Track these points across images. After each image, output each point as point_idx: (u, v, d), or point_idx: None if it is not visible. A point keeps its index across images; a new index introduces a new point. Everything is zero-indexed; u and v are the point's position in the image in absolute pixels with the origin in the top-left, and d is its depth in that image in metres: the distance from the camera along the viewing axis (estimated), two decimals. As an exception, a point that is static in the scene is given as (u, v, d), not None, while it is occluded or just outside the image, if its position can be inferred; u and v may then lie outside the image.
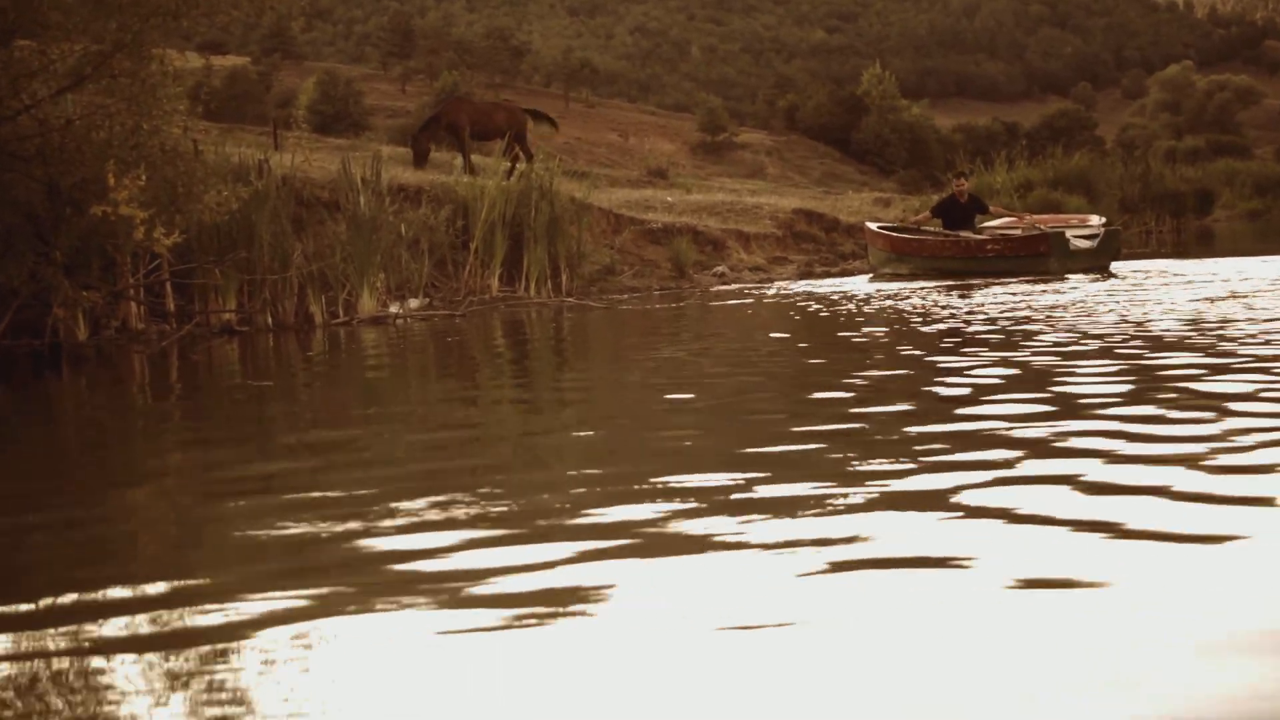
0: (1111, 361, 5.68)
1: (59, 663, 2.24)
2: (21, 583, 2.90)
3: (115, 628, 2.42)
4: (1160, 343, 6.40)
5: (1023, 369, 5.53)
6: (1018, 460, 3.54)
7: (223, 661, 2.18)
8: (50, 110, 9.11)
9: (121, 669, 2.17)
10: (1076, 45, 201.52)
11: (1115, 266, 15.52)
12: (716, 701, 1.90)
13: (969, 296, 11.46)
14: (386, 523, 3.18)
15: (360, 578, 2.70)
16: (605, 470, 3.74)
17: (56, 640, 2.37)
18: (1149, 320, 7.79)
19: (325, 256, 11.72)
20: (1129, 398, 4.55)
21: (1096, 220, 16.87)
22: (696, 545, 2.78)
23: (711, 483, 3.46)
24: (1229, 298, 9.30)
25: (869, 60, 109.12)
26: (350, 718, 1.91)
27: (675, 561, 2.67)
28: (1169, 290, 10.68)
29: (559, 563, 2.69)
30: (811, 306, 11.20)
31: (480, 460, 4.25)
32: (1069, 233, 15.68)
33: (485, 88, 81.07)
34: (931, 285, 13.71)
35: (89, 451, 5.15)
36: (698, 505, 3.17)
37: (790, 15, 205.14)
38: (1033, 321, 8.09)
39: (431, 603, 2.46)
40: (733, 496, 3.27)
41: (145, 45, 8.87)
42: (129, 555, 3.23)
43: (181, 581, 2.78)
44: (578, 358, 8.27)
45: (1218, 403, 4.33)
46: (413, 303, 12.55)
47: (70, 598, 2.69)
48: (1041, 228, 16.35)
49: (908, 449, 3.80)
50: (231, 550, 3.12)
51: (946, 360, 6.07)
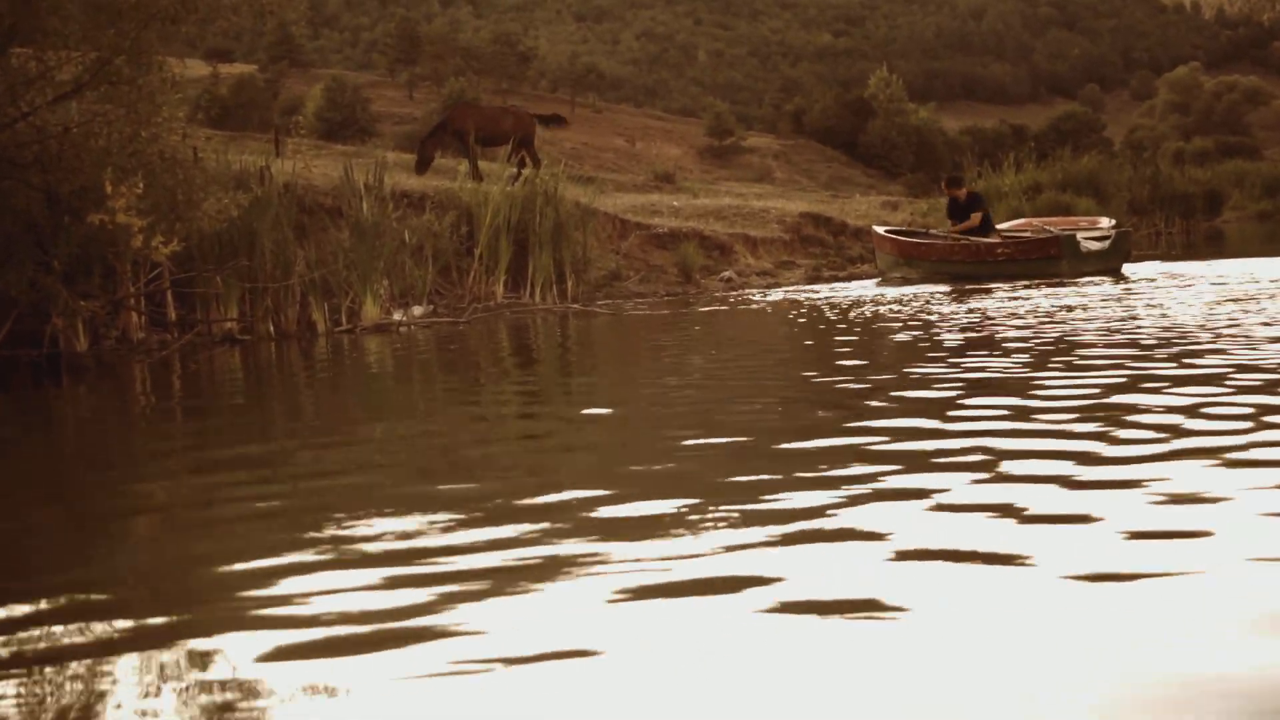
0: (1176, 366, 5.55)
1: (54, 670, 2.22)
2: (18, 587, 2.87)
3: (111, 635, 2.40)
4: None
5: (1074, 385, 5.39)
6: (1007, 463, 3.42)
7: (223, 670, 2.17)
8: (49, 117, 9.00)
9: (120, 676, 2.16)
10: (1084, 47, 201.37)
11: (1126, 269, 15.42)
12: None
13: (971, 300, 11.33)
14: (384, 543, 3.09)
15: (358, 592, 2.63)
16: (604, 509, 3.60)
17: (53, 647, 2.36)
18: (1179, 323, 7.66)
19: (328, 264, 11.61)
20: (1187, 408, 4.42)
21: (1107, 222, 16.78)
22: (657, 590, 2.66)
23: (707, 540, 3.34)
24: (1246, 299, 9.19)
25: (876, 63, 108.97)
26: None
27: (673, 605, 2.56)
28: (1193, 290, 10.55)
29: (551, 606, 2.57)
30: (820, 313, 11.05)
31: (485, 483, 4.13)
32: (1079, 235, 15.58)
33: (492, 93, 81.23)
34: (942, 289, 13.58)
35: (82, 461, 5.04)
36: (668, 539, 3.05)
37: (797, 19, 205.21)
38: (1068, 330, 7.96)
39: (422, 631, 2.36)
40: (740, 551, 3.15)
41: (144, 52, 8.77)
42: (126, 562, 3.18)
43: (179, 590, 2.78)
44: (580, 374, 8.13)
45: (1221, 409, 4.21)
46: (416, 310, 12.44)
47: (66, 603, 2.68)
48: (1052, 230, 16.25)
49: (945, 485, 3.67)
50: (230, 560, 3.05)
51: (958, 372, 5.93)
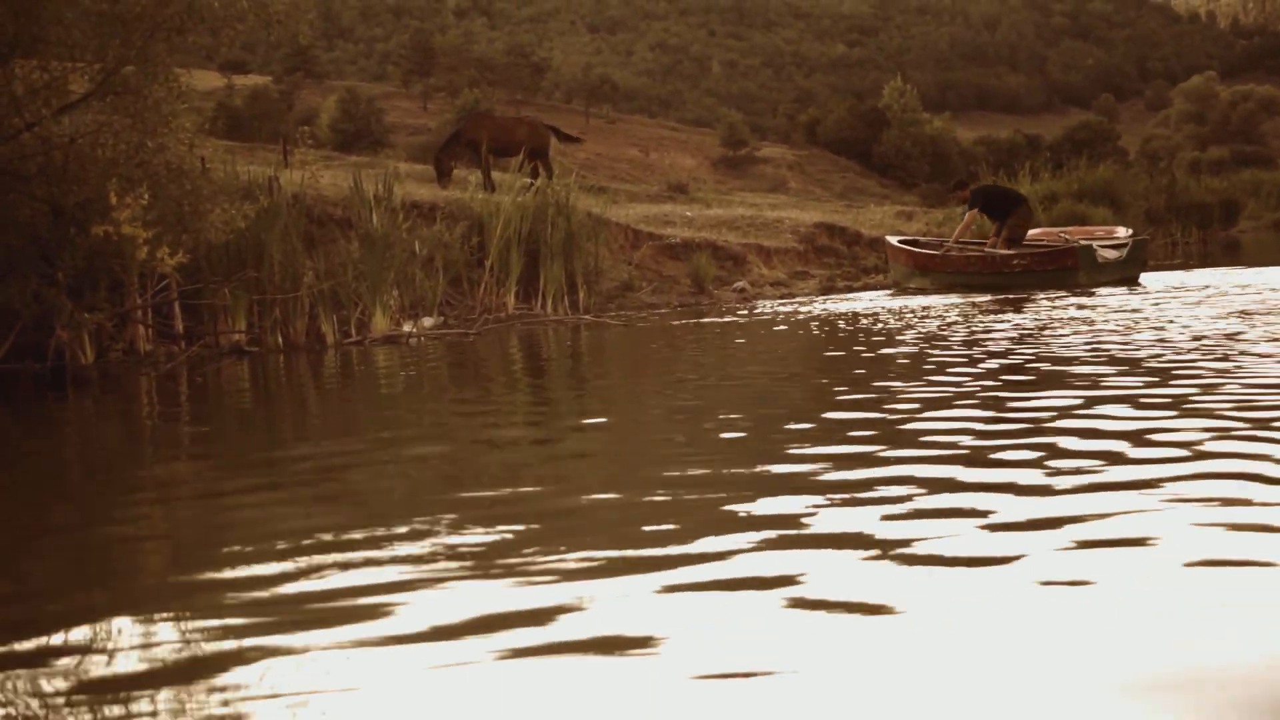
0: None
1: (59, 681, 2.22)
2: (22, 601, 2.87)
3: (118, 649, 2.40)
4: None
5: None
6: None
7: (225, 683, 2.17)
8: (53, 128, 8.91)
9: (121, 686, 2.17)
10: (1098, 57, 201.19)
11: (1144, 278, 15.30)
12: None
13: (995, 313, 11.20)
14: (387, 554, 3.09)
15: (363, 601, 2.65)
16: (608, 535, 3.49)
17: (58, 661, 2.36)
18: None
19: (337, 275, 11.51)
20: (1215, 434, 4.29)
21: (1123, 232, 16.64)
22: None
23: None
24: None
25: (890, 74, 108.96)
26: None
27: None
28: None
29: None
30: (835, 326, 10.93)
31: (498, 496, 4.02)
32: (1096, 245, 15.47)
33: (506, 104, 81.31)
34: (954, 300, 13.46)
35: (83, 472, 4.94)
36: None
37: (811, 30, 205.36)
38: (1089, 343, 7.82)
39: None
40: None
41: (150, 62, 8.68)
42: (129, 574, 3.18)
43: (182, 601, 2.76)
44: (588, 390, 8.02)
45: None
46: (427, 321, 12.33)
47: (72, 616, 2.68)
48: (1069, 239, 16.13)
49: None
50: (232, 572, 3.02)
51: (975, 391, 5.79)
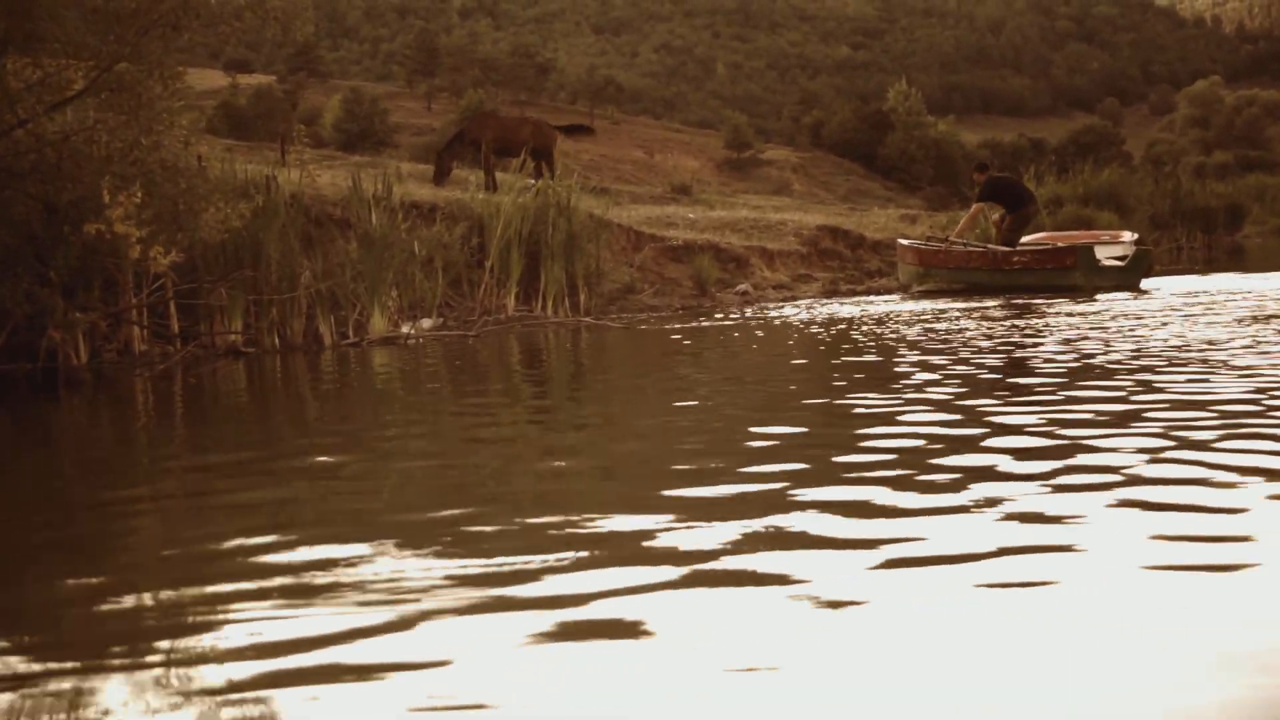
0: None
1: (53, 686, 2.19)
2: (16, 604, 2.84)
3: (112, 652, 2.37)
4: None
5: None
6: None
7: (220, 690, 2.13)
8: (47, 125, 8.81)
9: (117, 695, 2.13)
10: (1103, 61, 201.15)
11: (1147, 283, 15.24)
12: None
13: (999, 320, 11.09)
14: (382, 552, 3.04)
15: (361, 603, 2.61)
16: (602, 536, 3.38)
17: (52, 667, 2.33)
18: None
19: (335, 275, 11.40)
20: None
21: (1129, 236, 16.57)
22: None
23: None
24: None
25: (894, 76, 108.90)
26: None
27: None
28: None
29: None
30: (838, 330, 10.83)
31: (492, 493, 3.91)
32: (1099, 249, 15.42)
33: (511, 105, 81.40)
34: (961, 306, 13.35)
35: (68, 475, 4.83)
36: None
37: (816, 32, 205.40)
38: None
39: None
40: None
41: (144, 58, 8.58)
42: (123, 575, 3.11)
43: (178, 605, 2.73)
44: (586, 391, 7.91)
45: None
46: (425, 323, 12.22)
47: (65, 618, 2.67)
48: (1060, 245, 16.11)
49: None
50: (228, 576, 2.95)
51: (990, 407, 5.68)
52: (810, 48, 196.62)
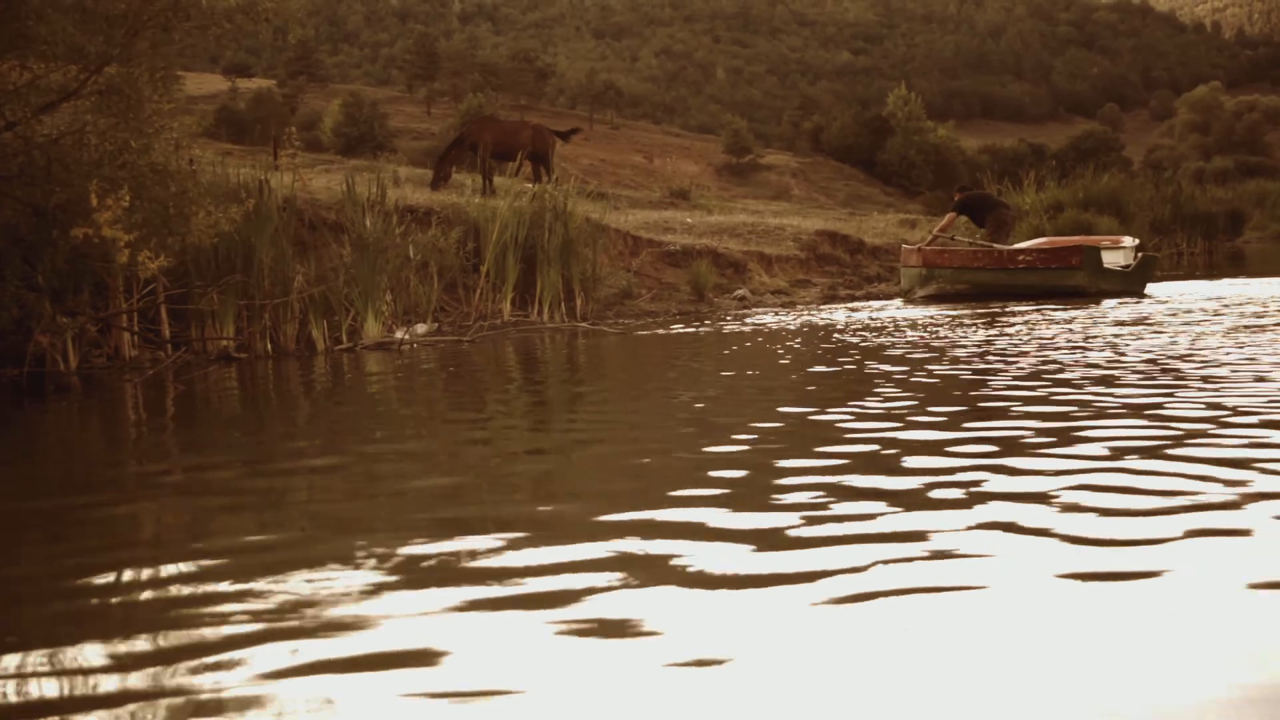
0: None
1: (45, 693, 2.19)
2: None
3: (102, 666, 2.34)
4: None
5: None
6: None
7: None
8: (36, 128, 8.69)
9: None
10: (1103, 66, 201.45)
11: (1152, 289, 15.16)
12: None
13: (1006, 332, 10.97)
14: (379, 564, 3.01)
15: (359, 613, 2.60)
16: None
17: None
18: None
19: (328, 280, 11.29)
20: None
21: (1129, 241, 16.48)
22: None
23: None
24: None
25: (894, 82, 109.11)
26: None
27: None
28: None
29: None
30: (835, 337, 10.72)
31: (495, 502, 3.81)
32: (1103, 250, 15.36)
33: (510, 109, 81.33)
34: (958, 313, 13.24)
35: (57, 479, 4.72)
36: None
37: (816, 37, 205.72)
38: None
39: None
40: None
41: (134, 60, 8.47)
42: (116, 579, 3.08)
43: (169, 617, 2.66)
44: (576, 399, 7.80)
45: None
46: (420, 328, 12.10)
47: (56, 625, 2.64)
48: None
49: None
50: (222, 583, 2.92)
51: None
52: (810, 53, 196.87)
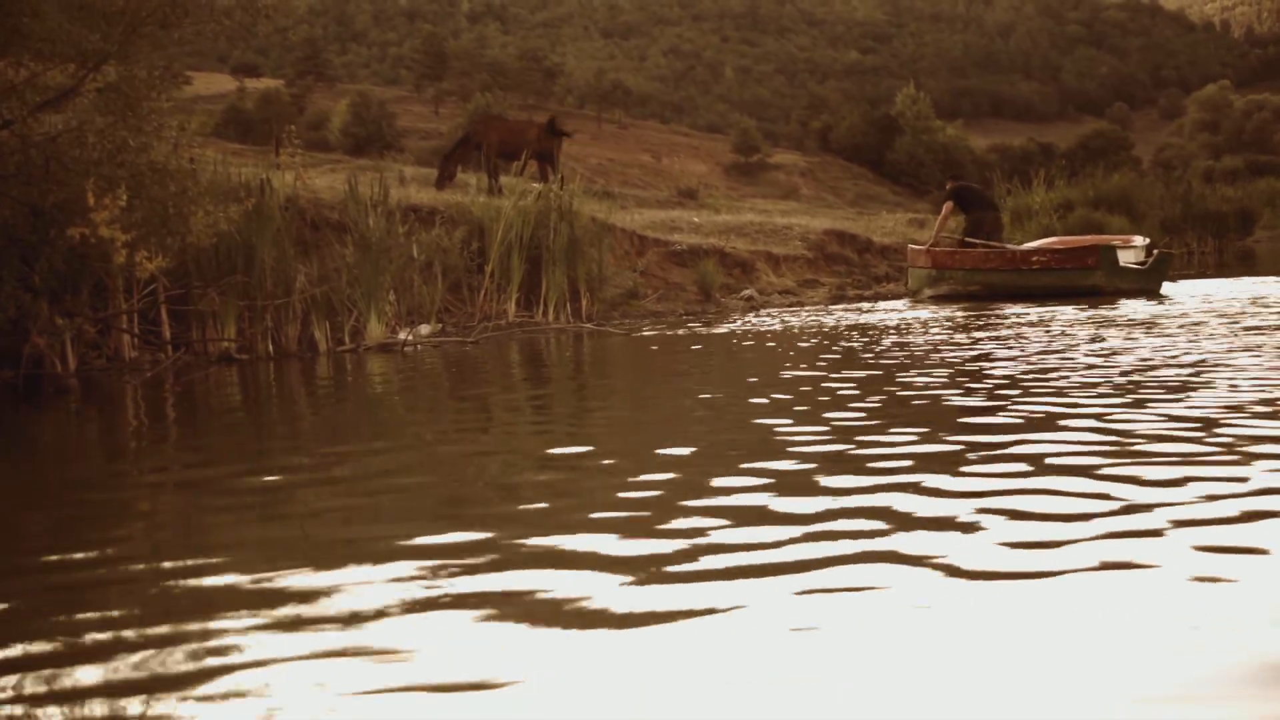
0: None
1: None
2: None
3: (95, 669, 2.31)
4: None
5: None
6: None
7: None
8: (34, 126, 8.58)
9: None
10: (1112, 65, 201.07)
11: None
12: None
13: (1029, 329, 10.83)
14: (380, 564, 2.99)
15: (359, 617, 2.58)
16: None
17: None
18: None
19: (331, 280, 11.17)
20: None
21: (1140, 240, 16.33)
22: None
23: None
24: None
25: (903, 81, 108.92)
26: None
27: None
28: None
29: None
30: (843, 341, 10.60)
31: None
32: (1118, 250, 15.20)
33: (519, 109, 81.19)
34: (968, 314, 13.09)
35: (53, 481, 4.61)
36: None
37: (824, 36, 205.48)
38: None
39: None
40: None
41: (132, 57, 8.36)
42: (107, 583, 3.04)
43: (167, 616, 2.64)
44: (586, 408, 7.68)
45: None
46: (424, 329, 11.98)
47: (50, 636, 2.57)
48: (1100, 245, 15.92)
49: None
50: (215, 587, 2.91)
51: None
52: (819, 52, 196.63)
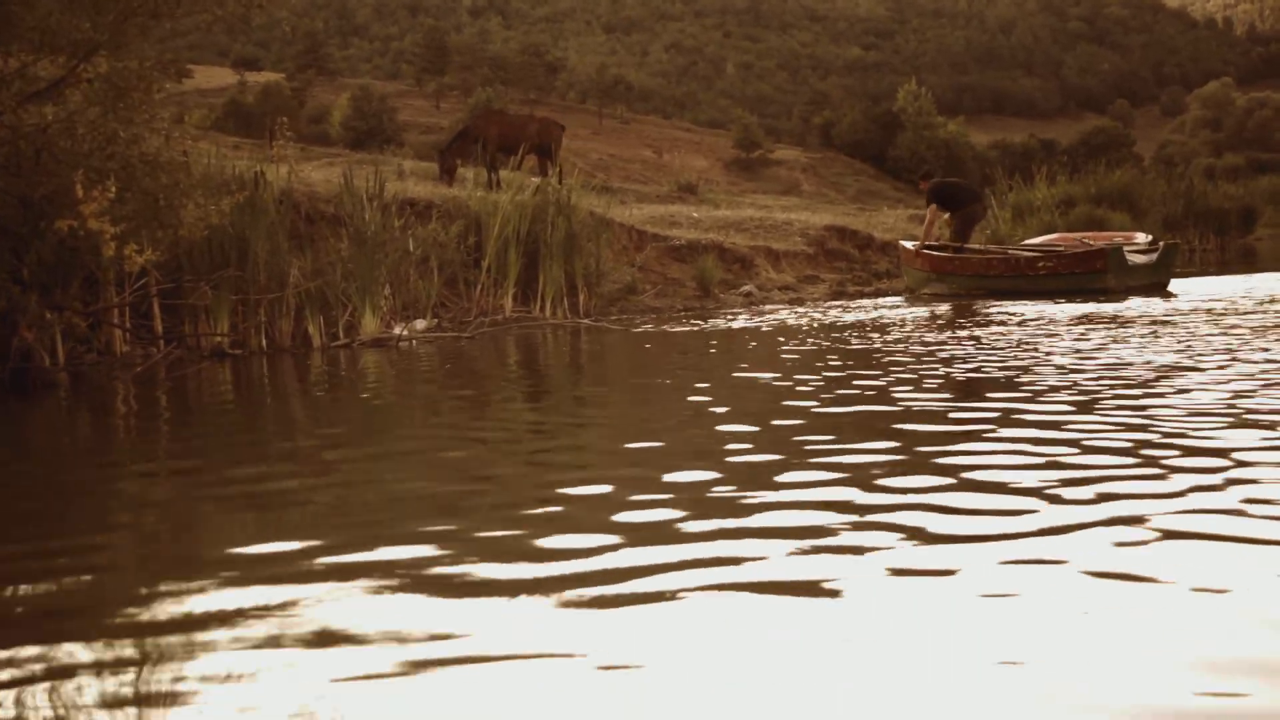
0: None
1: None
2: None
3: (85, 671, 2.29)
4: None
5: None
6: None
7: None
8: (23, 117, 8.47)
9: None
10: (1114, 62, 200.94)
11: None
12: None
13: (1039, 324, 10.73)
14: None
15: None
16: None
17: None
18: None
19: (326, 274, 11.07)
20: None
21: (1143, 238, 16.22)
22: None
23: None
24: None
25: (905, 77, 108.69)
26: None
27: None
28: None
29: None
30: (842, 340, 10.50)
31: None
32: (1125, 248, 15.04)
33: (520, 104, 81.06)
34: (970, 314, 12.99)
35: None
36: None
37: (826, 32, 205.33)
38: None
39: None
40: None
41: (122, 47, 8.25)
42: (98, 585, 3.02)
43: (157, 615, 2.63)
44: (580, 405, 7.59)
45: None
46: (419, 324, 11.87)
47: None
48: (1090, 242, 15.74)
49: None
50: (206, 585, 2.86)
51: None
52: (821, 48, 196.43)
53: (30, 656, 2.36)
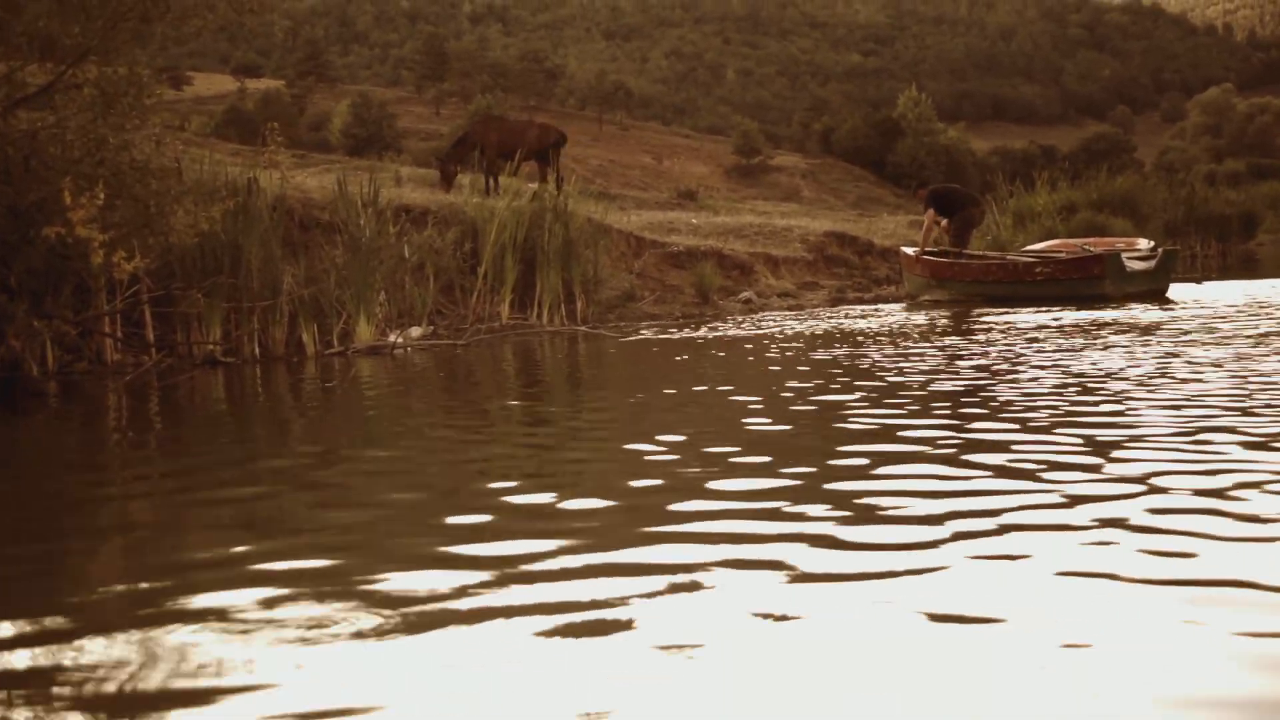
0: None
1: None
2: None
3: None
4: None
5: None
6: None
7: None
8: (12, 123, 8.37)
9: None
10: (1114, 68, 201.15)
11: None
12: None
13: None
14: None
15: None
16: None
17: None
18: None
19: (320, 281, 10.96)
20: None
21: (1144, 244, 16.10)
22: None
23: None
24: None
25: (905, 83, 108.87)
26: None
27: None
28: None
29: None
30: (841, 348, 10.39)
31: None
32: (1124, 255, 14.93)
33: (520, 110, 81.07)
34: (971, 321, 12.87)
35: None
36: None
37: (826, 39, 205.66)
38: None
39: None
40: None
41: (112, 53, 8.16)
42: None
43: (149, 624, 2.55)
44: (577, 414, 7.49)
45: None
46: (414, 331, 11.76)
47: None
48: (1091, 249, 15.62)
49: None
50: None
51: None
52: (821, 54, 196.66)
53: (19, 665, 2.31)
